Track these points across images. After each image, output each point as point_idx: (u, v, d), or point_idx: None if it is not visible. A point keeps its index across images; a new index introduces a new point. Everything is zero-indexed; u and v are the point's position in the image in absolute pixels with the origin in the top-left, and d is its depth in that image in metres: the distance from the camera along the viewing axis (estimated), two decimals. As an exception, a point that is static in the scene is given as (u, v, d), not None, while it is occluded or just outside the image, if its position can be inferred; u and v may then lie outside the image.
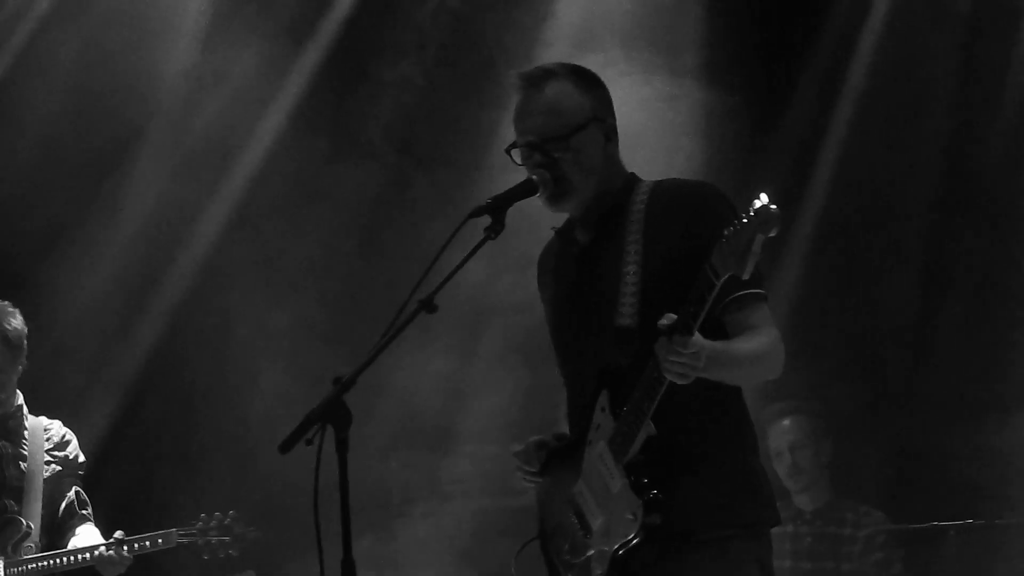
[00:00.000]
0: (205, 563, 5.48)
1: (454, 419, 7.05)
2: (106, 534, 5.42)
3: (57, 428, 5.57)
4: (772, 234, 3.28)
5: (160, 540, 5.37)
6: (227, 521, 5.45)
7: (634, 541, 3.53)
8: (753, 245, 3.28)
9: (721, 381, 3.58)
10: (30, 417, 5.55)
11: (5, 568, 5.32)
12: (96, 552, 5.30)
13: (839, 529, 6.21)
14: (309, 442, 3.31)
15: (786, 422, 6.31)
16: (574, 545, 3.72)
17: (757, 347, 3.58)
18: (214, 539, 5.42)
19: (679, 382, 3.42)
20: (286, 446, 3.33)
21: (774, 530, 3.74)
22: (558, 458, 3.80)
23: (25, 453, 5.45)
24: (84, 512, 5.53)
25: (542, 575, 3.84)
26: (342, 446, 3.32)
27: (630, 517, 3.56)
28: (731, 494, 3.63)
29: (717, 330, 3.56)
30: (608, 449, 3.61)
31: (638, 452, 3.55)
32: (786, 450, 6.26)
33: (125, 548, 5.29)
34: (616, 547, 3.56)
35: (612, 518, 3.62)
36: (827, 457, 6.32)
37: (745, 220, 3.28)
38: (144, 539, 5.36)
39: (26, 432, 5.49)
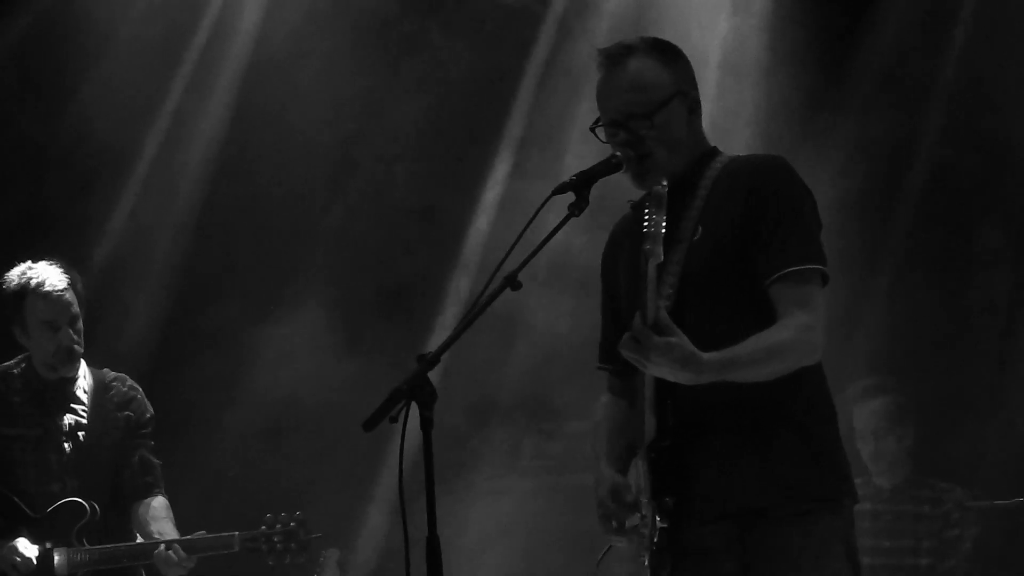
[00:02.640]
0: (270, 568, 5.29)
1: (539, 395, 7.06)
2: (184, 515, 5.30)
3: (119, 385, 5.32)
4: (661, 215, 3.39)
5: (222, 543, 5.16)
6: (292, 525, 5.23)
7: (659, 525, 3.54)
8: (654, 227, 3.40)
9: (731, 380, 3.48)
10: (90, 375, 5.30)
11: (68, 556, 5.11)
12: (157, 550, 5.08)
13: (918, 507, 6.14)
14: (393, 419, 3.28)
15: (873, 405, 6.22)
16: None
17: (760, 347, 3.48)
18: (279, 544, 5.21)
19: (647, 372, 3.45)
20: (370, 424, 3.30)
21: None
22: None
23: (84, 422, 5.24)
24: (148, 479, 5.26)
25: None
26: (427, 424, 3.29)
27: (644, 500, 3.58)
28: (805, 468, 3.57)
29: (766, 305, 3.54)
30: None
31: (654, 438, 3.55)
32: (870, 434, 6.19)
33: (183, 550, 5.08)
34: (648, 531, 3.58)
35: (647, 503, 3.62)
36: (910, 440, 6.22)
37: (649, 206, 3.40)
38: (205, 541, 5.15)
39: (86, 396, 5.25)
